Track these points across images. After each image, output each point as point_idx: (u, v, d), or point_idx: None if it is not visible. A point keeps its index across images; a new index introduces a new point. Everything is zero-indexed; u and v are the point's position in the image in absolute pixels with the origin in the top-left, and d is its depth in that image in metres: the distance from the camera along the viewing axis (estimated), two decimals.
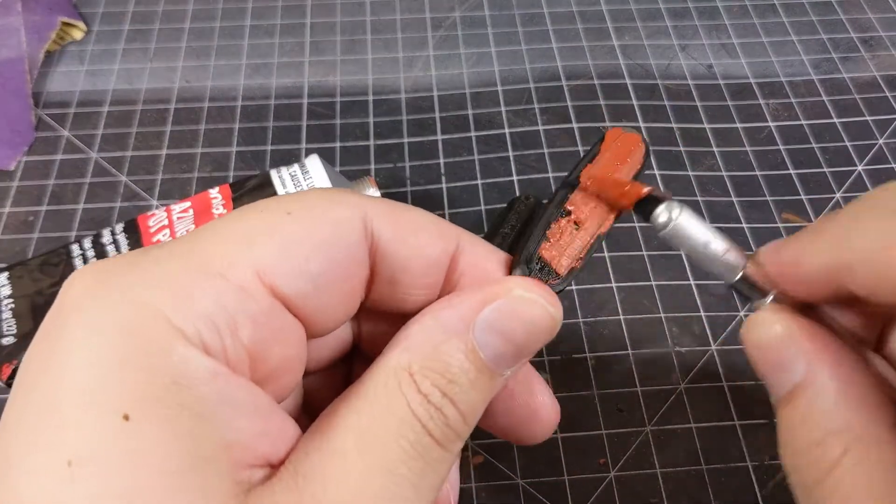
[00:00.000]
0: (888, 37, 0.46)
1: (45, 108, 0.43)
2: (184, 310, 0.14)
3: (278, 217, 0.16)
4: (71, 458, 0.13)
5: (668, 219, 0.18)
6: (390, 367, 0.16)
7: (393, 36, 0.47)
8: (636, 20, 0.47)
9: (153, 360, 0.13)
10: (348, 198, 0.17)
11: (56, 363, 0.14)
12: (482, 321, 0.17)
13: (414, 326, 0.17)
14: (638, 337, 0.34)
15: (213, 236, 0.16)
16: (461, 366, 0.16)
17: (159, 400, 0.13)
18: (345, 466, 0.15)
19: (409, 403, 0.16)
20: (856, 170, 0.39)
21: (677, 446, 0.31)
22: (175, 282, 0.14)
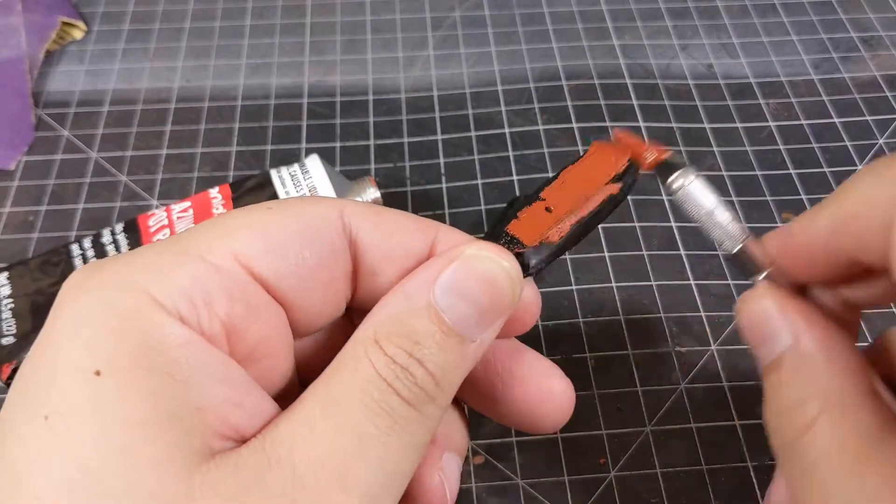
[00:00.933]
0: (888, 36, 0.46)
1: (45, 107, 0.43)
2: (161, 283, 0.15)
3: (257, 211, 0.17)
4: (47, 413, 0.14)
5: (681, 184, 0.20)
6: (357, 339, 0.17)
7: (393, 36, 0.47)
8: (636, 20, 0.47)
9: (128, 325, 0.14)
10: (327, 199, 0.18)
11: (45, 341, 0.15)
12: (440, 284, 0.17)
13: (381, 300, 0.18)
14: (638, 337, 0.34)
15: (195, 231, 0.17)
16: (426, 328, 0.16)
17: (130, 359, 0.14)
18: (311, 429, 0.15)
19: (374, 364, 0.16)
20: (856, 169, 0.39)
21: (677, 446, 0.31)
22: (155, 263, 0.15)
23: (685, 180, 0.20)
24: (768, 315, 0.19)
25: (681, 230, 0.37)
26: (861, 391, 0.17)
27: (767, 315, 0.19)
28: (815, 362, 0.18)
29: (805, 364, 0.18)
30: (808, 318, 0.18)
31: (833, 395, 0.17)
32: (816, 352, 0.18)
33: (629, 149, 0.21)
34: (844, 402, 0.17)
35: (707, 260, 0.36)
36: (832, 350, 0.18)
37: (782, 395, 0.18)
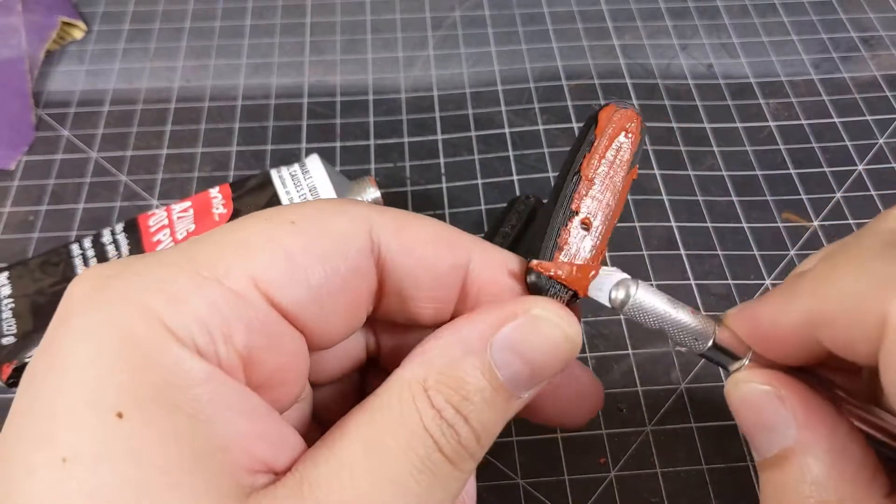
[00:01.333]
0: (888, 36, 0.46)
1: (45, 107, 0.43)
2: (178, 313, 0.14)
3: (280, 227, 0.16)
4: (65, 455, 0.13)
5: (626, 296, 0.18)
6: (405, 380, 0.16)
7: (393, 35, 0.47)
8: (636, 20, 0.47)
9: (147, 361, 0.14)
10: (354, 209, 0.17)
11: (55, 366, 0.14)
12: (500, 339, 0.16)
13: (431, 341, 0.17)
14: (638, 337, 0.34)
15: (212, 244, 0.16)
16: (477, 383, 0.16)
17: (153, 399, 0.13)
18: (351, 475, 0.15)
19: (422, 417, 0.15)
20: (856, 169, 0.39)
21: (678, 446, 0.31)
22: (171, 286, 0.14)
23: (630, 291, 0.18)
24: (765, 402, 0.17)
25: (680, 230, 0.37)
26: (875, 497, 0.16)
27: (765, 402, 0.17)
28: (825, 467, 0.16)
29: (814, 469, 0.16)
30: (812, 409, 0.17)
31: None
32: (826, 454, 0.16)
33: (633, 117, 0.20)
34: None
35: (707, 260, 0.36)
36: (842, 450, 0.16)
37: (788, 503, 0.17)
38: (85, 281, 0.15)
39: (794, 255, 0.36)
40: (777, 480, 0.17)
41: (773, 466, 0.17)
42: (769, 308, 0.18)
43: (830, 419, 0.17)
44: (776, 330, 0.17)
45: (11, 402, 0.15)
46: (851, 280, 0.16)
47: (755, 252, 0.36)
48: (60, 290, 0.31)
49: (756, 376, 0.18)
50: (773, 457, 0.17)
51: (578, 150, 0.20)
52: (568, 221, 0.19)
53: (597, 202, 0.19)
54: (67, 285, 0.32)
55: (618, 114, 0.20)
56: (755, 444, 0.18)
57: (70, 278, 0.32)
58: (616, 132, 0.20)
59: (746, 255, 0.36)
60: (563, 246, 0.19)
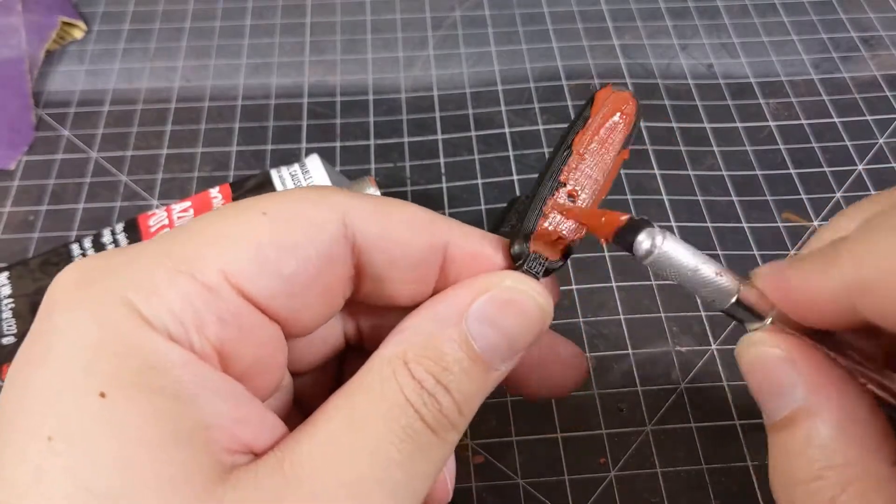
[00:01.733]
0: (888, 36, 0.46)
1: (45, 107, 0.43)
2: (153, 305, 0.15)
3: (252, 218, 0.16)
4: (50, 434, 0.13)
5: (650, 246, 0.17)
6: (384, 357, 0.16)
7: (393, 35, 0.47)
8: (636, 19, 0.47)
9: (127, 348, 0.14)
10: (329, 197, 0.17)
11: (40, 356, 0.14)
12: (474, 311, 0.17)
13: (409, 319, 0.17)
14: (638, 336, 0.34)
15: (187, 236, 0.16)
16: (455, 355, 0.16)
17: (134, 380, 0.14)
18: (332, 449, 0.15)
19: (402, 389, 0.16)
20: (856, 169, 0.39)
21: (677, 446, 0.31)
22: (147, 280, 0.15)
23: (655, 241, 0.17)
24: (776, 365, 0.17)
25: (681, 230, 0.37)
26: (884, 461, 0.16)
27: (775, 365, 0.17)
28: (832, 429, 0.16)
29: (821, 431, 0.16)
30: (823, 372, 0.17)
31: (854, 472, 0.16)
32: (833, 416, 0.16)
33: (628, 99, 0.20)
34: (868, 476, 0.16)
35: None
36: (851, 413, 0.16)
37: (795, 466, 0.16)
38: (67, 276, 0.15)
39: (794, 255, 0.36)
40: (785, 443, 0.17)
41: (782, 429, 0.17)
42: (804, 273, 0.17)
43: (841, 383, 0.17)
44: (810, 295, 0.17)
45: None
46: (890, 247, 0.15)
47: (755, 252, 0.36)
48: None
49: (769, 339, 0.18)
50: (781, 419, 0.17)
51: (572, 127, 0.20)
52: (555, 192, 0.20)
53: (585, 176, 0.20)
54: None
55: (614, 95, 0.21)
56: (764, 407, 0.18)
57: None
58: (610, 112, 0.20)
59: (746, 255, 0.36)
60: (548, 214, 0.19)
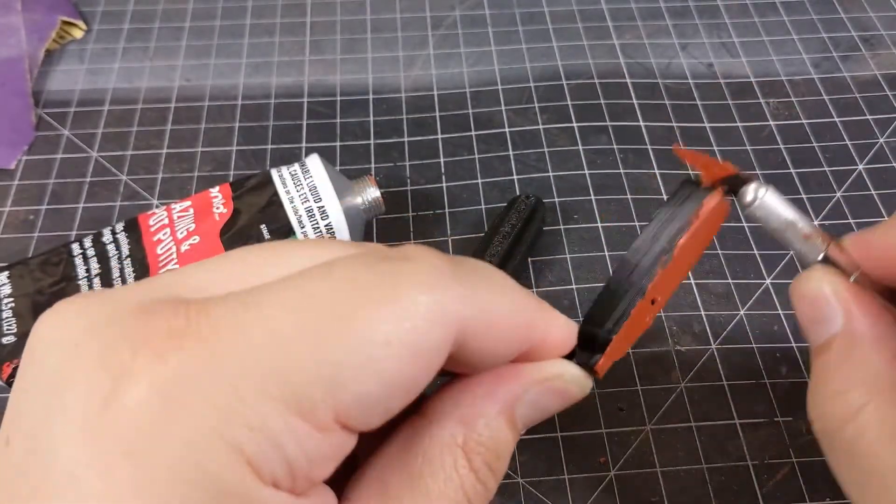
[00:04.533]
0: (889, 35, 0.46)
1: (45, 107, 0.43)
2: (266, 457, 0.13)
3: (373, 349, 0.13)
4: None
5: (753, 197, 0.19)
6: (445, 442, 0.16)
7: (393, 35, 0.47)
8: (636, 19, 0.47)
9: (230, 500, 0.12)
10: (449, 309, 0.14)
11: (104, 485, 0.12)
12: (529, 399, 0.17)
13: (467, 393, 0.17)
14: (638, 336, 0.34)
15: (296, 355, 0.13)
16: (507, 440, 0.17)
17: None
18: None
19: (463, 483, 0.16)
20: (856, 169, 0.39)
21: (678, 445, 0.31)
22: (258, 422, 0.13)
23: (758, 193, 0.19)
24: (822, 296, 0.19)
25: None
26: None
27: (821, 296, 0.19)
28: (864, 348, 0.17)
29: (854, 349, 0.18)
30: (862, 302, 0.18)
31: (881, 383, 0.17)
32: (866, 337, 0.18)
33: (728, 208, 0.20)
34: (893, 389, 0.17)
35: (707, 259, 0.36)
36: (882, 337, 0.18)
37: (828, 381, 0.18)
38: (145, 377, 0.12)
39: (793, 255, 0.36)
40: (823, 362, 0.18)
41: (822, 352, 0.18)
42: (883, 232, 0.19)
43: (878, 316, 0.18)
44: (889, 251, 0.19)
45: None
46: None
47: (755, 251, 0.36)
48: (60, 289, 0.31)
49: (820, 274, 0.19)
50: (822, 343, 0.18)
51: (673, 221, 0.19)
52: (645, 296, 0.19)
53: (672, 280, 0.20)
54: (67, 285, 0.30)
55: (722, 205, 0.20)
56: (809, 334, 0.19)
57: (70, 277, 0.32)
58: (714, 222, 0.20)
59: (747, 255, 0.36)
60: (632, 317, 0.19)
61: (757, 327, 0.34)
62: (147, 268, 0.32)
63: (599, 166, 0.40)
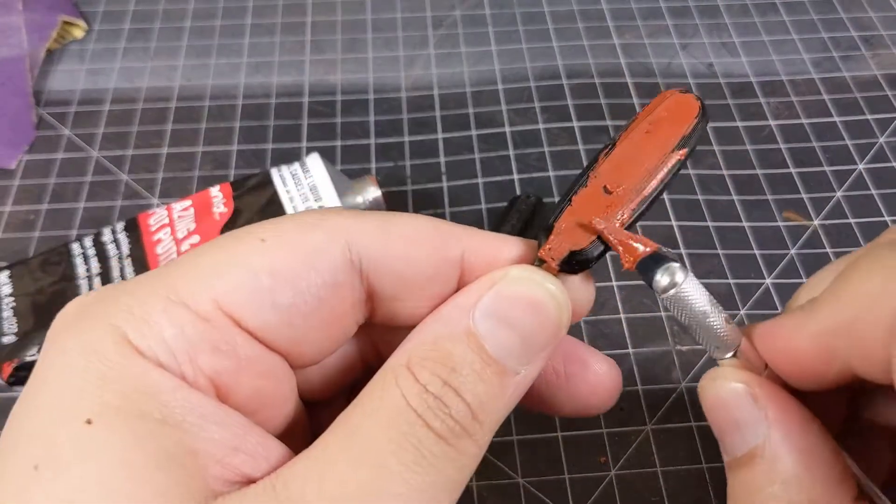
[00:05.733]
0: (889, 35, 0.46)
1: (45, 106, 0.43)
2: (143, 334, 0.14)
3: (249, 246, 0.15)
4: (37, 463, 0.13)
5: (670, 283, 0.17)
6: (387, 367, 0.15)
7: (393, 34, 0.47)
8: (637, 19, 0.47)
9: (114, 373, 0.14)
10: (328, 220, 0.16)
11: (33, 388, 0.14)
12: (480, 308, 0.16)
13: (415, 328, 0.16)
14: (639, 336, 0.34)
15: (185, 266, 0.16)
16: (464, 355, 0.15)
17: (120, 406, 0.13)
18: (326, 465, 0.14)
19: (404, 393, 0.14)
20: (856, 168, 0.39)
21: (678, 445, 0.31)
22: (139, 309, 0.15)
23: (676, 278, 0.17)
24: (738, 399, 0.17)
25: (681, 229, 0.37)
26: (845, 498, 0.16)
27: (736, 401, 0.17)
28: (794, 468, 0.16)
29: (782, 469, 0.16)
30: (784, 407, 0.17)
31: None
32: (794, 454, 0.16)
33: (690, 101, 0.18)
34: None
35: (707, 259, 0.36)
36: (813, 452, 0.16)
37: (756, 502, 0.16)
38: (66, 311, 0.16)
39: (794, 255, 0.36)
40: (746, 480, 0.17)
41: (742, 466, 0.17)
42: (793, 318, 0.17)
43: (803, 419, 0.17)
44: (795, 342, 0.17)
45: (12, 401, 0.15)
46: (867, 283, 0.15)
47: (755, 251, 0.36)
48: (61, 289, 0.31)
49: (733, 374, 0.17)
50: (742, 456, 0.17)
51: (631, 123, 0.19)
52: (588, 182, 0.18)
53: (625, 172, 0.18)
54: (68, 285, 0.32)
55: (674, 97, 0.19)
56: (725, 443, 0.18)
57: (70, 277, 0.32)
58: (664, 112, 0.19)
59: (747, 255, 0.36)
60: (574, 203, 0.18)
61: None
62: (147, 267, 0.32)
63: None
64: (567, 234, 0.17)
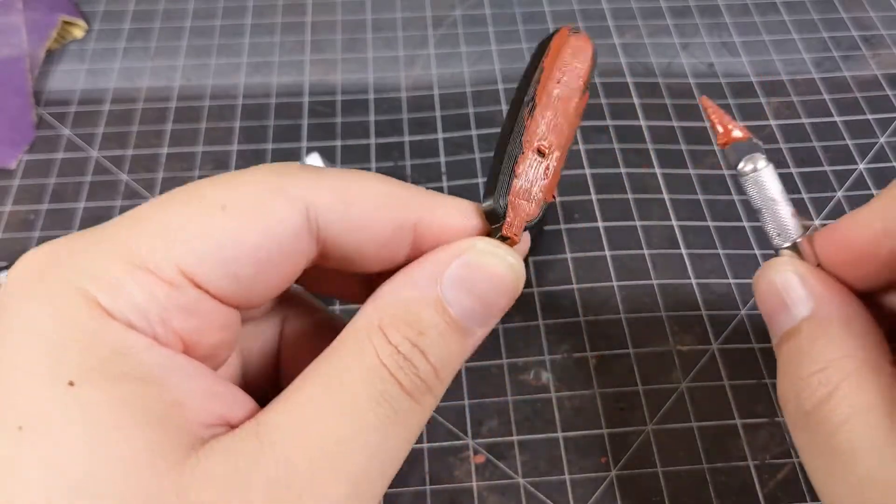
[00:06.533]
0: (889, 35, 0.46)
1: (45, 106, 0.43)
2: (114, 299, 0.15)
3: (210, 212, 0.16)
4: (21, 424, 0.13)
5: (753, 168, 0.20)
6: (360, 324, 0.17)
7: (393, 34, 0.47)
8: (637, 18, 0.47)
9: (91, 337, 0.14)
10: (288, 186, 0.17)
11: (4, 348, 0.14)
12: (448, 276, 0.17)
13: (385, 287, 0.17)
14: (639, 336, 0.34)
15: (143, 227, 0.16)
16: (430, 319, 0.16)
17: (101, 367, 0.14)
18: (308, 414, 0.15)
19: (378, 353, 0.16)
20: (857, 168, 0.39)
21: (678, 445, 0.31)
22: (103, 271, 0.15)
23: (756, 165, 0.20)
24: (788, 284, 0.19)
25: (681, 229, 0.37)
26: (882, 354, 0.17)
27: (787, 284, 0.19)
28: (834, 329, 0.18)
29: (824, 331, 0.18)
30: (828, 286, 0.18)
31: (854, 361, 0.17)
32: (835, 319, 0.18)
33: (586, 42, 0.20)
34: (866, 366, 0.17)
35: (708, 259, 0.36)
36: (851, 317, 0.18)
37: (801, 364, 0.18)
38: (23, 267, 0.15)
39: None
40: (792, 348, 0.18)
41: (789, 339, 0.18)
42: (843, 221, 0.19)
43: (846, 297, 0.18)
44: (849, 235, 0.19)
45: None
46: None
47: (756, 251, 0.36)
48: None
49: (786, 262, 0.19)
50: (790, 330, 0.18)
51: (532, 77, 0.20)
52: (524, 149, 0.19)
53: (551, 129, 0.19)
54: None
55: (572, 38, 0.20)
56: (774, 323, 0.19)
57: None
58: (569, 58, 0.20)
59: (747, 255, 0.36)
60: (519, 174, 0.19)
61: (757, 327, 0.34)
62: None
63: (600, 165, 0.40)
64: (518, 206, 0.19)
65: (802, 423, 0.18)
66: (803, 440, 0.18)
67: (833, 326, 0.18)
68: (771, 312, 0.19)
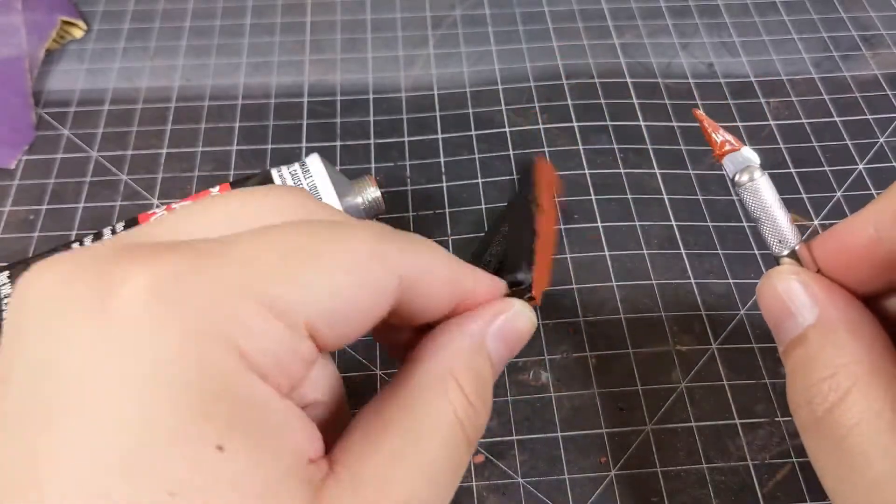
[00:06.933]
0: (889, 35, 0.46)
1: (45, 106, 0.43)
2: (254, 344, 0.14)
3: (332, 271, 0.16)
4: (173, 490, 0.12)
5: (749, 178, 0.21)
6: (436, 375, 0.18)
7: (393, 34, 0.47)
8: (637, 18, 0.47)
9: (235, 390, 0.14)
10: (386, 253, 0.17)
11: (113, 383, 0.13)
12: (492, 332, 0.19)
13: (444, 336, 0.19)
14: (639, 336, 0.34)
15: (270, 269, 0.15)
16: (487, 370, 0.19)
17: (244, 427, 0.13)
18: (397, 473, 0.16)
19: (455, 407, 0.17)
20: (857, 168, 0.39)
21: (678, 445, 0.31)
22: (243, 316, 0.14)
23: (752, 175, 0.21)
24: (791, 292, 0.19)
25: (681, 229, 0.37)
26: (888, 359, 0.17)
27: (791, 292, 0.19)
28: (840, 335, 0.18)
29: (831, 337, 0.18)
30: (831, 292, 0.19)
31: (863, 366, 0.17)
32: (841, 324, 0.18)
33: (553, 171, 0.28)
34: (875, 370, 0.17)
35: (707, 259, 0.36)
36: (856, 322, 0.18)
37: (810, 371, 0.18)
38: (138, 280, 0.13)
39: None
40: (801, 353, 0.19)
41: (797, 345, 0.19)
42: (840, 225, 0.19)
43: (851, 302, 0.19)
44: (846, 239, 0.19)
45: None
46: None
47: (755, 251, 0.36)
48: None
49: (788, 270, 0.20)
50: (797, 337, 0.19)
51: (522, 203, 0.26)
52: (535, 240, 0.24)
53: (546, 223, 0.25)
54: None
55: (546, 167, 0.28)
56: (780, 331, 0.20)
57: None
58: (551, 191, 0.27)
59: (747, 255, 0.36)
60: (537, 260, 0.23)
61: (757, 327, 0.34)
62: None
63: (599, 166, 0.40)
64: (538, 277, 0.22)
65: (814, 428, 0.18)
66: (815, 445, 0.18)
67: (839, 332, 0.18)
68: (776, 321, 0.20)
